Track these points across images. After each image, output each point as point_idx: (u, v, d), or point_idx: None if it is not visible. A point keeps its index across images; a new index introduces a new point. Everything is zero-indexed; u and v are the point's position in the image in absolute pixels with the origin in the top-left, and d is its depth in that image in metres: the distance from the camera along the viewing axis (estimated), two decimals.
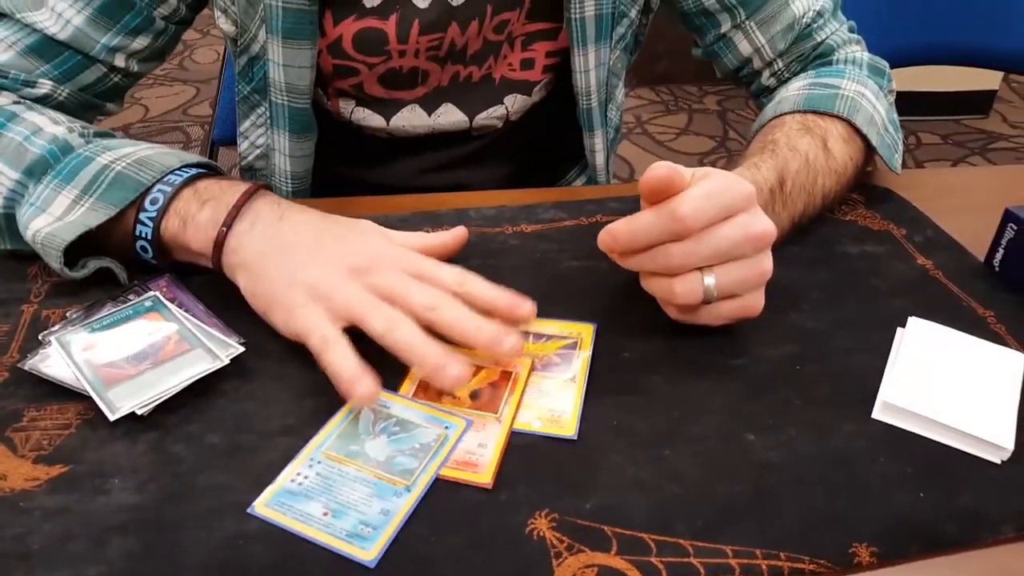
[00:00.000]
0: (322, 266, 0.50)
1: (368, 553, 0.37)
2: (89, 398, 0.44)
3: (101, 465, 0.42)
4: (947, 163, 2.56)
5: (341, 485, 0.41)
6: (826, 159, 0.64)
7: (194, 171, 0.55)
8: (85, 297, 0.54)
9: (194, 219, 0.53)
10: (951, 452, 0.45)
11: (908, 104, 0.77)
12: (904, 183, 0.73)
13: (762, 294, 0.50)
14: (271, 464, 0.42)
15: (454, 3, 0.70)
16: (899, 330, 0.53)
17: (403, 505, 0.40)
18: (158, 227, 0.53)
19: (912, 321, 0.54)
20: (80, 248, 0.53)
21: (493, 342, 0.47)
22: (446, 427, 0.44)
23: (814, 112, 0.67)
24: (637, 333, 0.52)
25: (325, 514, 0.39)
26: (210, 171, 0.57)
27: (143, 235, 0.54)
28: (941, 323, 0.53)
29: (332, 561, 0.37)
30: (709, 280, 0.48)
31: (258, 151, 0.80)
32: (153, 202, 0.53)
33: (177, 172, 0.55)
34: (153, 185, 0.54)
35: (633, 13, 0.76)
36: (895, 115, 0.74)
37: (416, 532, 0.39)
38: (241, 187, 0.54)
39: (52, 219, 0.53)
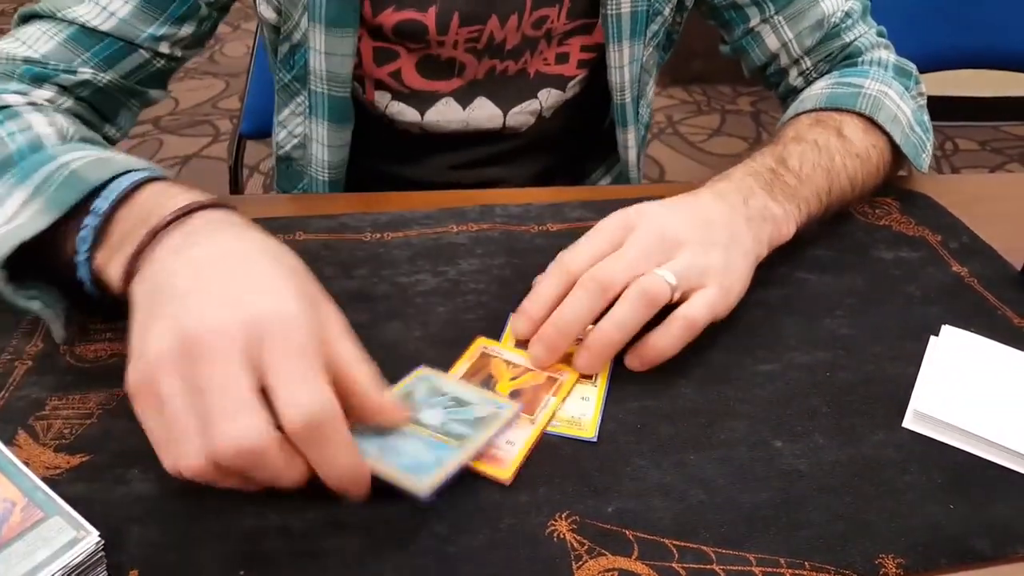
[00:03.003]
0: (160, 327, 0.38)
1: (422, 485, 0.38)
2: (112, 387, 0.44)
3: (122, 455, 0.42)
4: (985, 170, 2.51)
5: (396, 438, 0.41)
6: (841, 143, 0.63)
7: (138, 178, 0.46)
8: None
9: (113, 255, 0.44)
10: (983, 463, 0.43)
11: (945, 109, 0.76)
12: (940, 188, 0.71)
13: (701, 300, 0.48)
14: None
15: (496, 1, 0.70)
16: (932, 338, 0.52)
17: (456, 456, 0.40)
18: (92, 255, 0.45)
19: (946, 330, 0.52)
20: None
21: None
22: (499, 407, 0.44)
23: (832, 109, 0.67)
24: None
25: (379, 455, 0.39)
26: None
27: (82, 258, 0.45)
28: (975, 332, 0.52)
29: (354, 554, 0.37)
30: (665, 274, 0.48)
31: (295, 140, 0.81)
32: (85, 228, 0.45)
33: (122, 178, 0.46)
34: (101, 188, 0.46)
35: (667, 11, 0.76)
36: (925, 117, 0.73)
37: (435, 531, 0.38)
38: (171, 205, 0.44)
39: (3, 219, 0.46)
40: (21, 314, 0.50)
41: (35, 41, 0.61)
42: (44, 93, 0.60)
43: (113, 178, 0.46)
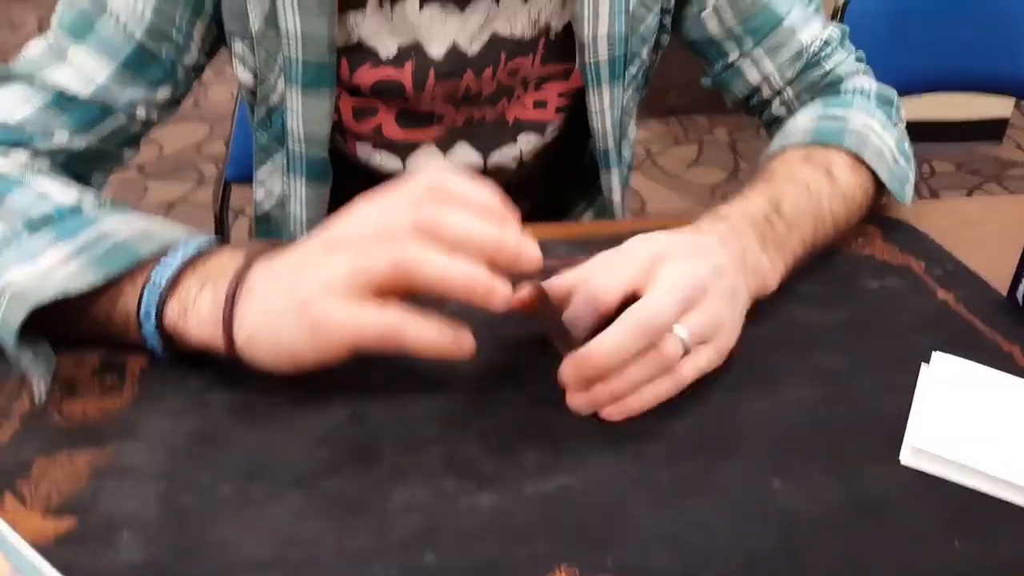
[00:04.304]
0: (317, 273, 0.44)
1: None
2: (101, 445, 0.43)
3: (110, 518, 0.41)
4: (962, 191, 2.55)
5: None
6: (831, 185, 0.64)
7: (195, 248, 0.50)
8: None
9: (195, 305, 0.47)
10: (984, 498, 0.43)
11: (920, 132, 0.76)
12: (920, 215, 0.72)
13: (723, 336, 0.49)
14: (282, 516, 0.41)
15: (468, 53, 0.70)
16: (923, 367, 0.52)
17: None
18: (162, 313, 0.48)
19: (936, 357, 0.52)
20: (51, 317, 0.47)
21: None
22: None
23: (820, 145, 0.67)
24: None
25: None
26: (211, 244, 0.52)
27: (148, 317, 0.48)
28: (966, 359, 0.52)
29: None
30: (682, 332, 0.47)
31: (274, 199, 0.80)
32: (155, 284, 0.48)
33: (176, 250, 0.50)
34: (151, 263, 0.49)
35: (644, 53, 0.76)
36: (907, 144, 0.73)
37: None
38: (237, 262, 0.48)
39: (35, 272, 0.48)
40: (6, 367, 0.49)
41: (11, 106, 0.61)
42: (19, 158, 0.60)
43: (163, 252, 0.49)
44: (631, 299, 0.46)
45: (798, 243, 0.60)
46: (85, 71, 0.62)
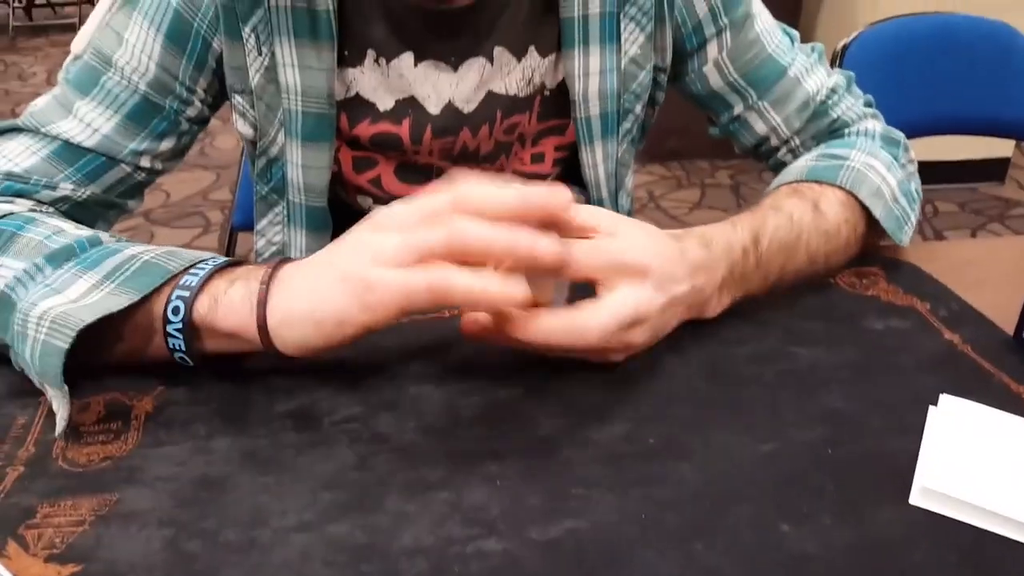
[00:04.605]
0: (363, 247, 0.48)
1: None
2: (105, 491, 0.43)
3: (114, 564, 0.40)
4: (966, 231, 2.55)
5: None
6: (814, 219, 0.64)
7: (224, 260, 0.53)
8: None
9: (226, 295, 0.50)
10: (996, 538, 0.43)
11: (922, 173, 0.77)
12: (924, 255, 0.72)
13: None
14: (287, 562, 0.41)
15: (464, 111, 0.71)
16: (931, 409, 0.52)
17: None
18: (191, 308, 0.50)
19: (944, 399, 0.52)
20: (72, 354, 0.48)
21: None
22: None
23: (815, 181, 0.68)
24: (661, 420, 0.51)
25: None
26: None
27: (176, 314, 0.50)
28: (973, 400, 0.52)
29: None
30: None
31: (274, 248, 0.81)
32: (184, 286, 0.51)
33: (205, 262, 0.53)
34: (181, 273, 0.52)
35: (638, 109, 0.77)
36: (913, 186, 0.73)
37: None
38: (264, 266, 0.52)
39: (66, 301, 0.50)
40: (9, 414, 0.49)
41: (17, 156, 0.62)
42: (25, 204, 0.61)
43: (191, 266, 0.52)
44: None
45: (761, 279, 0.61)
46: (90, 123, 0.64)
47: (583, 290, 0.52)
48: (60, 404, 0.48)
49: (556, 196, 0.47)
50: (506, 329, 0.49)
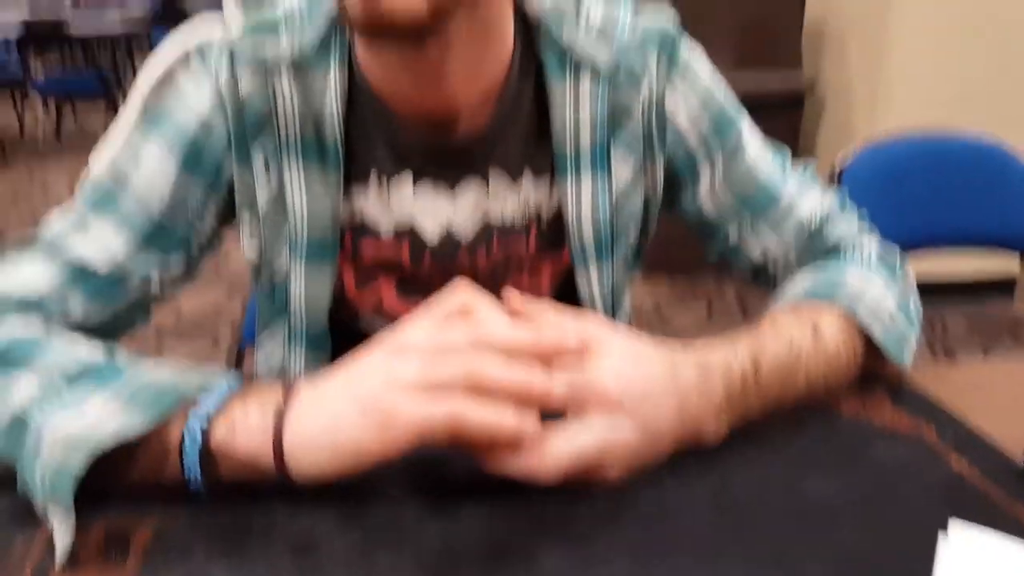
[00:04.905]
0: (382, 374, 0.49)
1: None
2: None
3: None
4: (977, 349, 2.54)
5: None
6: (814, 342, 0.64)
7: (238, 382, 0.54)
8: None
9: (244, 421, 0.50)
10: None
11: (929, 290, 0.77)
12: (931, 378, 0.71)
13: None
14: None
15: (462, 235, 0.74)
16: (941, 538, 0.51)
17: None
18: (208, 435, 0.50)
19: (954, 529, 0.51)
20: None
21: None
22: None
23: (814, 300, 0.68)
24: (666, 555, 0.50)
25: None
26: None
27: (194, 441, 0.50)
28: (983, 529, 0.51)
29: None
30: None
31: (275, 368, 0.82)
32: (200, 412, 0.51)
33: (219, 383, 0.53)
34: (195, 396, 0.52)
35: (632, 234, 0.78)
36: (911, 304, 0.73)
37: None
38: (280, 386, 0.53)
39: (82, 422, 0.50)
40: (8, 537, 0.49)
41: (32, 279, 0.63)
42: (36, 322, 0.62)
43: (204, 389, 0.52)
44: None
45: (759, 405, 0.61)
46: (104, 243, 0.65)
47: None
48: (62, 531, 0.48)
49: (569, 342, 0.50)
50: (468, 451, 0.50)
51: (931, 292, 0.77)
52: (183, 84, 0.68)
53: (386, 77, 0.67)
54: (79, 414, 0.51)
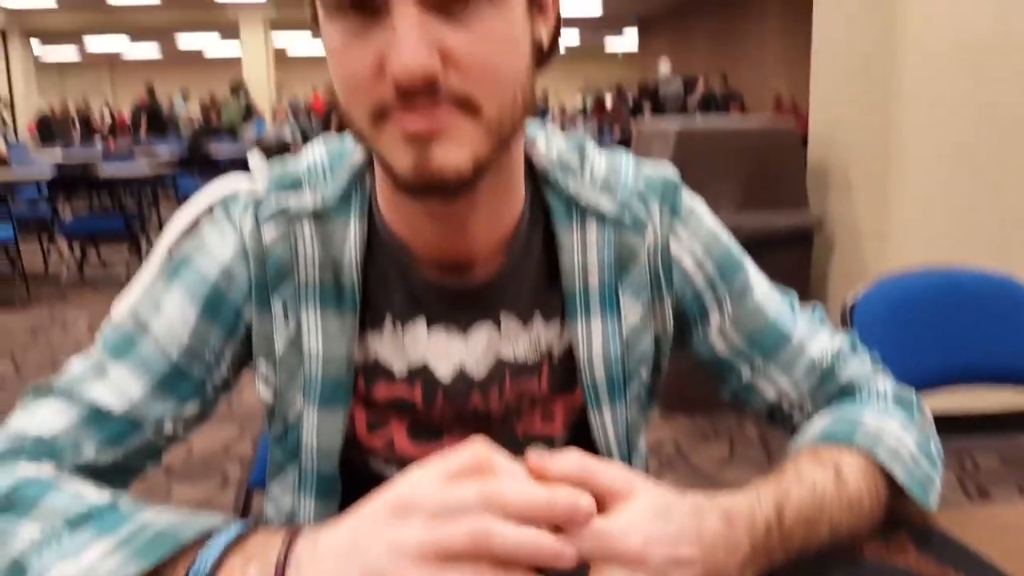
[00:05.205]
0: (385, 540, 0.46)
1: None
2: None
3: None
4: (1011, 486, 2.44)
5: None
6: (836, 487, 0.62)
7: (236, 532, 0.52)
8: None
9: None
10: None
11: (956, 426, 0.74)
12: (960, 521, 0.68)
13: None
14: None
15: (475, 375, 0.73)
16: None
17: None
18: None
19: None
20: None
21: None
22: None
23: (833, 443, 0.66)
24: None
25: None
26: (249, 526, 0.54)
27: None
28: None
29: None
30: None
31: (284, 515, 0.79)
32: (197, 570, 0.50)
33: (219, 531, 0.52)
34: (194, 546, 0.51)
35: (644, 374, 0.77)
36: (933, 446, 0.71)
37: None
38: (279, 540, 0.51)
39: (79, 568, 0.50)
40: None
41: (47, 421, 0.64)
42: (47, 468, 0.61)
43: (203, 537, 0.51)
44: None
45: (783, 553, 0.59)
46: (121, 387, 0.66)
47: None
48: None
49: (582, 503, 0.47)
50: None
51: (957, 426, 0.74)
52: (207, 234, 0.70)
53: (410, 226, 0.69)
54: (76, 561, 0.51)
